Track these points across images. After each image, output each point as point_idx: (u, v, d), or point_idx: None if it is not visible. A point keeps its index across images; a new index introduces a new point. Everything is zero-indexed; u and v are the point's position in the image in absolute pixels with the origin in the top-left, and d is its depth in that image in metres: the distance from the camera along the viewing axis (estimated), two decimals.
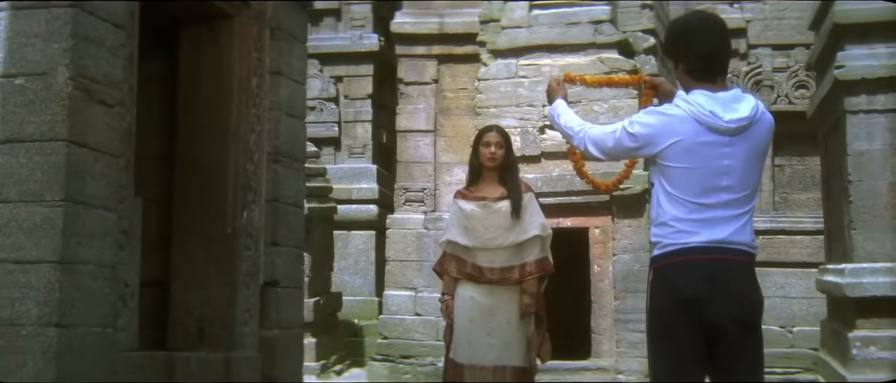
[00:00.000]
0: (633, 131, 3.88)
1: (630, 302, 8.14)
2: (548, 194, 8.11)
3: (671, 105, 3.85)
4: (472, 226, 5.97)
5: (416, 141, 11.28)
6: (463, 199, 6.07)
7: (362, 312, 12.51)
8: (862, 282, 7.16)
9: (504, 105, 8.27)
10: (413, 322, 10.80)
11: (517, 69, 8.63)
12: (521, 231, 5.90)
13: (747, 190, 3.81)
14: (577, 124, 4.27)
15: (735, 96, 3.80)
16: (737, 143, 3.73)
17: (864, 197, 7.27)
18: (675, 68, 3.98)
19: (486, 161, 5.97)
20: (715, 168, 3.73)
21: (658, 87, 4.56)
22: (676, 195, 3.80)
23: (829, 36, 7.64)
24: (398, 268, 10.93)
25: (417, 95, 11.49)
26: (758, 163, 3.87)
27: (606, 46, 8.75)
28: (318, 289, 10.98)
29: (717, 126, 3.69)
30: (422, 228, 11.04)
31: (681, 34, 3.98)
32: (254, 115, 5.55)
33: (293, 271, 5.86)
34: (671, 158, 3.78)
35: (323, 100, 12.94)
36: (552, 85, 4.68)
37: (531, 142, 8.34)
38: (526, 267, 5.92)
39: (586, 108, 7.99)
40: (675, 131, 3.74)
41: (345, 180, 12.61)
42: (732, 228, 3.77)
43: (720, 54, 3.92)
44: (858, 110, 7.28)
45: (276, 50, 5.68)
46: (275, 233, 5.60)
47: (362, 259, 12.69)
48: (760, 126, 3.81)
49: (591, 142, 4.12)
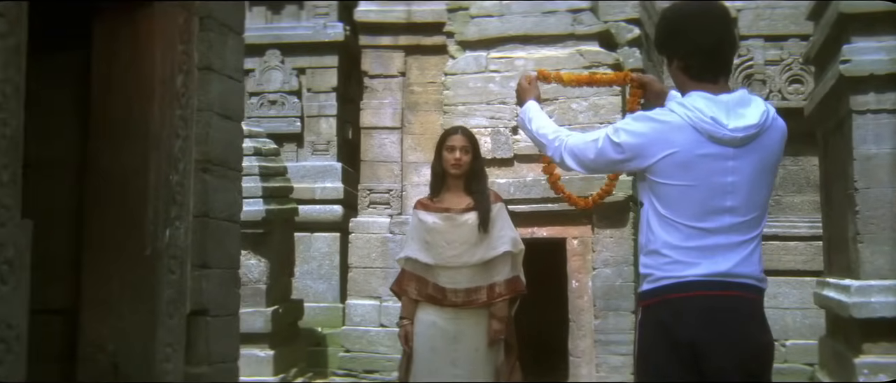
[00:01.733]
0: (618, 140, 3.36)
1: (612, 321, 7.48)
2: (521, 201, 7.47)
3: (664, 109, 3.34)
4: (433, 242, 5.52)
5: (382, 138, 10.71)
6: (424, 210, 5.62)
7: (326, 320, 11.89)
8: (870, 301, 6.55)
9: (473, 102, 7.58)
10: (378, 333, 10.27)
11: (488, 63, 7.91)
12: (489, 247, 5.45)
13: (755, 211, 3.30)
14: (552, 131, 3.75)
15: (741, 99, 3.29)
16: (743, 156, 3.23)
17: (872, 206, 6.66)
18: (669, 65, 3.48)
19: (450, 168, 5.52)
20: (717, 186, 3.24)
21: (647, 87, 4.11)
22: (670, 218, 3.28)
23: (833, 27, 7.03)
24: (362, 275, 10.37)
25: (383, 89, 10.98)
26: (767, 179, 3.36)
27: (586, 38, 8.05)
28: (277, 297, 10.46)
29: (720, 135, 3.19)
30: (387, 232, 10.57)
31: (676, 24, 3.47)
32: (179, 118, 4.90)
33: (226, 297, 5.23)
34: (664, 174, 3.27)
35: (284, 94, 12.40)
36: (523, 84, 4.18)
37: (503, 144, 7.65)
38: (494, 288, 5.47)
39: (563, 107, 7.32)
40: (669, 141, 3.23)
41: (307, 179, 12.07)
42: (737, 258, 3.27)
43: (723, 49, 3.41)
44: (866, 110, 6.67)
45: (206, 42, 5.06)
46: (204, 253, 4.98)
47: (326, 263, 12.08)
48: (771, 135, 3.31)
49: (568, 153, 3.61)
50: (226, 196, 5.27)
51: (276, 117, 12.19)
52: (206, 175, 5.00)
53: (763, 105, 3.36)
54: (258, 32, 12.17)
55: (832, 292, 7.26)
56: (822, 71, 7.71)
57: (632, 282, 7.36)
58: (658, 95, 4.06)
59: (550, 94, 7.34)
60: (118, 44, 4.81)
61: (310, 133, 12.41)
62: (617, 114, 7.12)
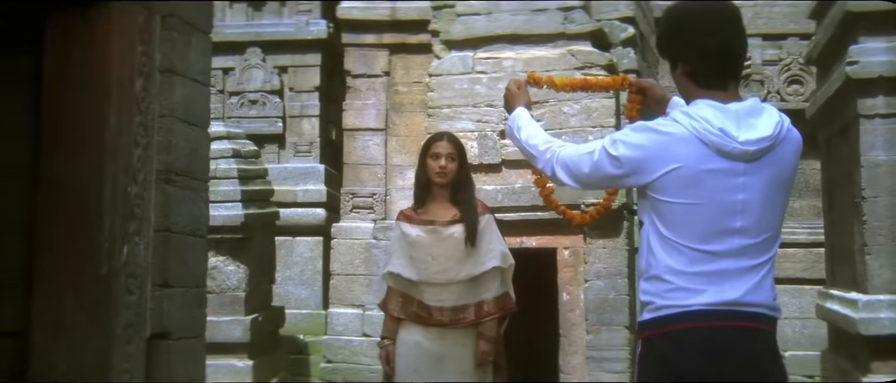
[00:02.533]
0: (616, 153, 3.09)
1: (605, 336, 7.14)
2: (509, 209, 7.14)
3: (667, 119, 3.07)
4: (418, 256, 5.24)
5: (365, 140, 10.41)
6: (407, 222, 5.33)
7: (309, 327, 11.58)
8: (879, 317, 6.21)
9: (459, 105, 7.23)
10: (361, 344, 9.96)
11: (474, 63, 7.55)
12: (477, 262, 5.16)
13: (767, 232, 3.05)
14: (543, 141, 3.49)
15: (752, 109, 3.02)
16: (754, 172, 2.99)
17: (881, 216, 6.33)
18: (672, 70, 3.20)
19: (434, 176, 5.23)
20: (725, 204, 3.01)
21: (647, 92, 3.86)
22: (674, 240, 3.02)
23: (838, 26, 6.70)
24: (344, 282, 10.05)
25: (366, 89, 10.70)
26: (781, 197, 3.10)
27: (578, 37, 7.71)
28: (257, 305, 10.20)
29: (729, 149, 2.93)
30: (371, 238, 10.26)
31: (680, 25, 3.20)
32: (139, 125, 4.58)
33: (191, 318, 4.92)
34: (667, 191, 3.01)
35: (265, 93, 12.11)
36: (511, 89, 3.91)
37: (490, 149, 7.29)
38: (483, 306, 5.19)
39: (553, 110, 6.99)
40: (673, 155, 2.98)
41: (289, 181, 11.78)
42: (748, 284, 3.01)
43: (733, 52, 3.13)
44: (874, 114, 6.33)
45: (168, 42, 4.74)
46: (166, 271, 4.66)
47: (309, 268, 11.77)
48: (785, 148, 3.05)
49: (560, 166, 3.35)
50: (190, 208, 4.97)
51: (256, 117, 11.94)
52: (168, 186, 4.69)
53: (777, 114, 3.09)
54: (238, 29, 11.98)
55: (836, 305, 6.93)
56: (826, 72, 7.37)
57: (626, 295, 7.03)
58: (659, 102, 3.82)
59: (540, 96, 7.00)
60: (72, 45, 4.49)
61: (292, 134, 12.14)
62: (610, 117, 6.81)
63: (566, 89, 4.04)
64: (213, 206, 9.17)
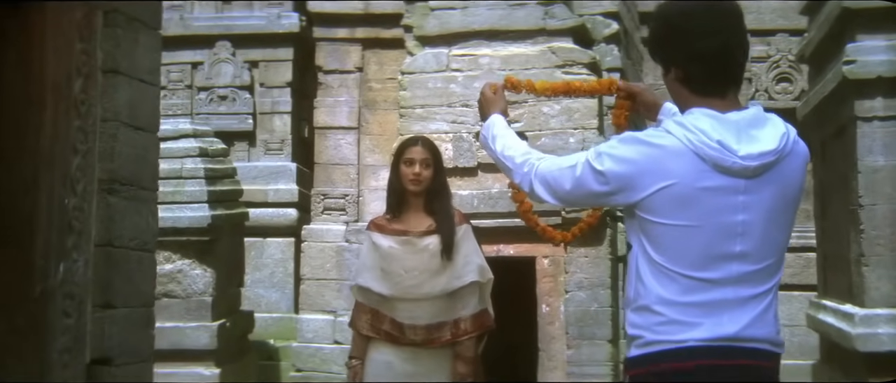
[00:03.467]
0: (601, 168, 2.80)
1: (586, 351, 6.79)
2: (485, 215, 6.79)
3: (658, 130, 2.78)
4: (390, 269, 4.87)
5: (337, 139, 10.12)
6: (379, 233, 4.96)
7: (279, 331, 11.32)
8: (876, 333, 5.91)
9: (433, 105, 6.86)
10: (332, 351, 9.67)
11: (449, 60, 7.18)
12: (453, 276, 4.82)
13: (770, 258, 2.81)
14: (520, 153, 3.19)
15: (754, 119, 2.75)
16: (756, 189, 2.74)
17: (879, 225, 6.03)
18: (665, 74, 2.90)
19: (408, 183, 4.88)
20: (724, 226, 2.72)
21: (637, 97, 3.60)
22: (665, 266, 2.75)
23: (834, 23, 6.39)
24: (315, 287, 9.75)
25: (339, 86, 10.43)
26: (786, 217, 2.85)
27: (559, 33, 7.36)
28: (224, 310, 9.90)
29: (728, 164, 2.69)
30: (343, 241, 9.92)
31: (674, 24, 2.89)
32: (78, 129, 4.25)
33: (137, 341, 4.64)
34: (658, 211, 2.77)
35: (235, 89, 11.86)
36: (486, 93, 3.62)
37: (466, 151, 6.92)
38: (460, 324, 4.85)
39: (533, 110, 6.63)
40: (665, 171, 2.73)
41: (260, 180, 11.54)
42: (748, 317, 2.76)
43: (732, 54, 2.84)
44: (872, 117, 6.03)
45: (112, 40, 4.40)
46: (108, 290, 4.33)
47: (279, 270, 11.53)
48: (791, 163, 2.78)
49: (539, 181, 3.06)
50: (136, 221, 4.64)
51: (226, 114, 11.75)
52: (111, 197, 4.37)
53: (782, 125, 2.80)
54: (207, 22, 11.75)
55: (830, 317, 6.61)
56: (820, 71, 7.05)
57: (609, 308, 6.69)
58: (650, 108, 3.56)
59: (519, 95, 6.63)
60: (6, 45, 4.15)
61: (262, 131, 11.91)
62: (593, 118, 6.46)
63: (547, 94, 3.70)
64: (179, 208, 9.06)
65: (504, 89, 3.66)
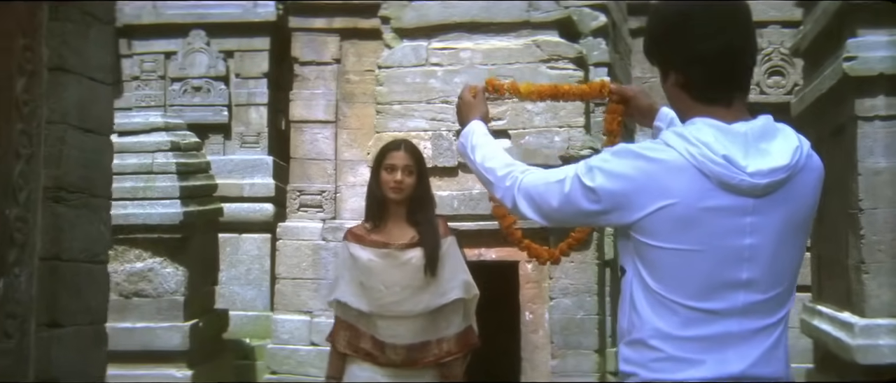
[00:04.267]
0: (593, 184, 2.54)
1: (571, 362, 6.47)
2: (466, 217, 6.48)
3: (657, 143, 2.51)
4: (370, 284, 4.54)
5: (314, 133, 9.79)
6: (357, 244, 4.62)
7: (255, 330, 11.06)
8: (877, 344, 5.63)
9: (411, 101, 6.52)
10: (308, 353, 9.37)
11: (429, 54, 6.82)
12: (437, 292, 4.51)
13: (780, 286, 2.51)
14: (502, 165, 2.91)
15: (764, 130, 2.47)
16: (766, 210, 2.45)
17: (880, 230, 5.74)
18: (663, 79, 2.62)
19: (389, 191, 4.54)
20: (729, 251, 2.44)
21: (631, 101, 3.31)
22: (663, 295, 2.49)
23: (833, 17, 6.10)
24: (290, 287, 9.44)
25: (315, 78, 10.13)
26: (798, 240, 2.57)
27: (544, 26, 7.02)
28: (198, 309, 9.65)
29: (735, 182, 2.41)
30: (319, 239, 9.68)
31: (674, 23, 2.61)
32: (20, 133, 3.92)
33: (87, 362, 4.37)
34: (656, 233, 2.48)
35: (210, 80, 11.60)
36: (465, 97, 3.31)
37: (446, 150, 6.58)
38: (443, 344, 4.55)
39: (516, 107, 6.31)
40: (664, 189, 2.45)
41: (235, 174, 11.30)
42: (757, 352, 2.47)
43: (741, 58, 2.57)
44: (874, 116, 5.74)
45: (59, 36, 4.07)
46: (54, 307, 4.01)
47: (255, 267, 11.26)
48: (804, 179, 2.52)
49: (523, 197, 2.78)
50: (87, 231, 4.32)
51: (200, 105, 11.49)
52: (58, 205, 4.04)
53: (794, 137, 2.51)
54: (181, 10, 11.48)
55: (827, 325, 6.32)
56: (817, 66, 6.74)
57: (596, 316, 6.37)
58: (644, 113, 3.26)
59: None
60: None
61: (238, 123, 11.64)
62: (579, 116, 6.14)
63: (532, 98, 3.36)
64: (150, 204, 8.83)
65: (485, 92, 3.32)
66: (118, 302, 8.83)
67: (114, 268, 8.92)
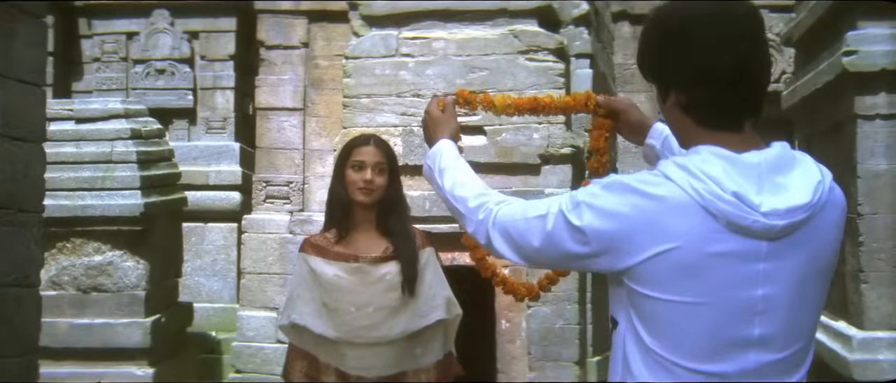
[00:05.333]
0: (580, 223, 2.17)
1: (550, 374, 6.04)
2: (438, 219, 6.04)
3: (655, 175, 2.13)
4: (335, 305, 3.86)
5: (281, 121, 9.33)
6: (320, 257, 3.94)
7: (221, 323, 10.68)
8: (877, 359, 5.28)
9: (380, 94, 6.08)
10: (275, 351, 8.96)
11: (399, 44, 6.37)
12: (415, 313, 3.88)
13: (797, 343, 2.15)
14: (474, 194, 2.54)
15: (779, 161, 2.12)
16: (782, 254, 2.08)
17: (880, 237, 5.38)
18: (661, 98, 2.26)
19: (357, 193, 3.89)
20: (739, 304, 2.08)
21: (620, 115, 2.94)
22: (662, 356, 2.13)
23: (832, 6, 5.66)
24: (256, 282, 9.02)
25: (282, 63, 9.63)
26: (818, 289, 2.19)
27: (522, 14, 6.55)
28: (160, 304, 9.28)
29: (747, 224, 2.04)
30: (286, 232, 9.21)
31: (676, 34, 2.20)
32: None
33: None
34: (654, 282, 2.10)
35: (174, 62, 11.20)
36: (432, 113, 2.93)
37: (417, 147, 6.14)
38: (421, 375, 3.95)
39: None
40: (665, 231, 2.08)
41: (201, 161, 10.91)
42: None
43: (754, 76, 2.18)
44: (875, 114, 5.36)
45: None
46: None
47: (221, 258, 10.88)
48: (826, 218, 2.15)
49: (499, 233, 2.41)
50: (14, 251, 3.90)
51: (164, 89, 11.11)
52: None
53: (815, 169, 2.16)
54: None
55: (821, 334, 5.94)
56: (811, 58, 6.35)
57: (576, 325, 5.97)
58: (635, 129, 2.90)
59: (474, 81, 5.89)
60: None
61: (203, 108, 11.24)
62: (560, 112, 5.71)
63: (509, 113, 2.95)
64: (109, 195, 8.46)
65: (455, 106, 2.91)
66: (76, 298, 8.58)
67: (71, 261, 8.59)
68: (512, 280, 3.20)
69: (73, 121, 8.85)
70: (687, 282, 2.05)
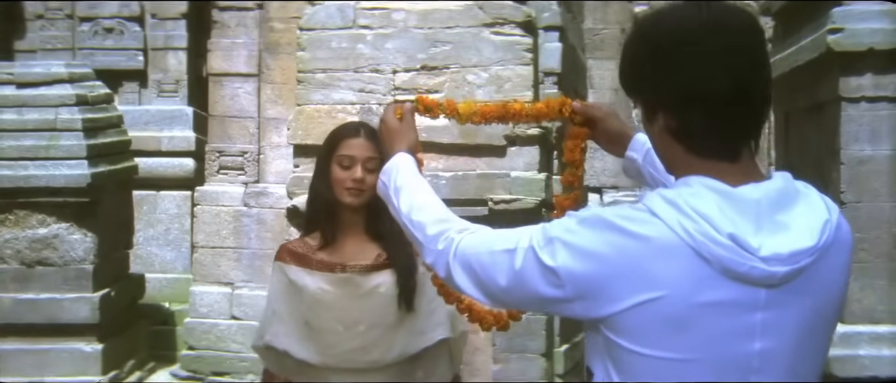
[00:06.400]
0: (553, 263, 1.91)
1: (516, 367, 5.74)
2: None
3: (640, 210, 1.90)
4: (320, 324, 3.33)
5: (234, 88, 9.03)
6: (299, 266, 3.39)
7: (175, 294, 10.49)
8: (857, 355, 5.10)
9: (336, 69, 5.73)
10: (229, 327, 8.80)
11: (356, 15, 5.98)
12: (416, 331, 3.35)
13: None
14: (434, 219, 2.29)
15: (781, 196, 1.89)
16: (782, 303, 1.83)
17: (864, 227, 5.19)
18: (647, 119, 2.02)
19: (345, 194, 3.30)
20: (733, 360, 1.85)
21: (597, 124, 2.66)
22: None
23: None
24: (209, 256, 8.82)
25: (236, 25, 9.34)
26: (822, 339, 1.95)
27: None
28: (109, 277, 9.07)
29: (744, 271, 1.79)
30: (241, 205, 8.99)
31: (664, 48, 1.93)
32: None
33: None
34: (636, 335, 1.86)
35: (123, 20, 10.83)
36: (389, 121, 2.66)
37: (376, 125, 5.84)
38: None
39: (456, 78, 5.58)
40: (650, 277, 1.82)
41: (152, 126, 10.60)
42: None
43: (753, 97, 1.92)
44: (860, 97, 5.14)
45: None
46: None
47: (175, 227, 10.63)
48: (833, 259, 1.89)
49: (461, 267, 2.13)
50: None
51: (113, 49, 10.74)
52: None
53: (821, 205, 1.91)
54: None
55: None
56: (792, 32, 6.11)
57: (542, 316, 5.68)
58: (614, 140, 2.65)
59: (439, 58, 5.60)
60: None
61: (155, 70, 10.88)
62: (527, 89, 5.44)
63: (475, 121, 2.64)
64: (54, 164, 8.27)
65: (414, 114, 2.61)
66: (20, 272, 8.41)
67: (14, 234, 8.34)
68: (478, 307, 2.86)
69: (13, 87, 8.57)
70: (673, 335, 1.82)
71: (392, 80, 5.70)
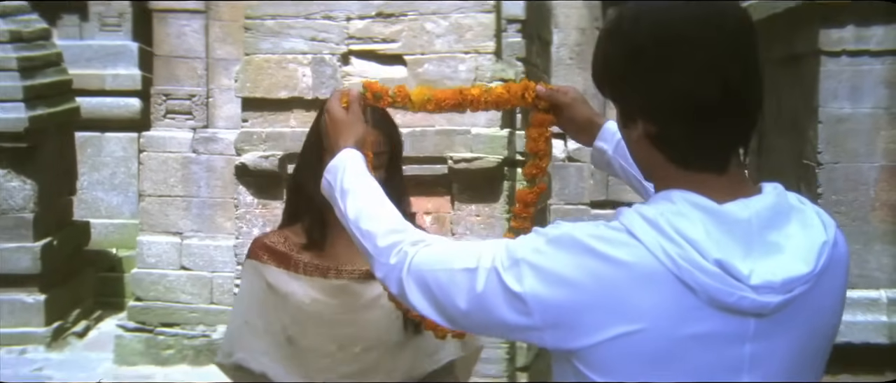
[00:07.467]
0: (520, 288, 1.72)
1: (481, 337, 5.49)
2: None
3: (617, 230, 1.70)
4: (308, 341, 2.79)
5: (181, 26, 8.67)
6: (281, 268, 2.84)
7: (122, 239, 10.41)
8: None
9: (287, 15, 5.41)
10: (178, 278, 8.66)
11: None
12: (421, 350, 2.86)
13: None
14: (385, 228, 2.07)
15: (774, 213, 1.71)
16: (773, 333, 1.67)
17: (841, 188, 5.07)
18: (625, 125, 1.83)
19: None
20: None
21: (563, 111, 2.43)
22: None
23: None
24: (157, 205, 8.62)
25: None
26: (815, 369, 1.80)
27: None
28: (51, 226, 9.03)
29: (732, 301, 1.62)
30: (189, 151, 8.67)
31: (644, 46, 1.72)
32: None
33: None
34: (612, 371, 1.68)
35: None
36: (334, 112, 2.37)
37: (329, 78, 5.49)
38: None
39: (413, 27, 5.31)
40: (629, 308, 1.64)
41: (95, 63, 10.33)
42: None
43: (742, 105, 1.73)
44: (841, 51, 4.96)
45: None
46: None
47: (121, 170, 10.50)
48: (828, 282, 1.73)
49: (416, 283, 1.93)
50: None
51: None
52: None
53: (817, 223, 1.75)
54: None
55: None
56: None
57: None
58: (582, 128, 2.45)
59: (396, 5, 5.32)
60: None
61: (96, 2, 10.50)
62: (489, 39, 5.17)
63: (429, 109, 2.41)
64: None
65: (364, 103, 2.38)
66: None
67: None
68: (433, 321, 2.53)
69: None
70: (653, 371, 1.65)
71: (346, 29, 5.40)
